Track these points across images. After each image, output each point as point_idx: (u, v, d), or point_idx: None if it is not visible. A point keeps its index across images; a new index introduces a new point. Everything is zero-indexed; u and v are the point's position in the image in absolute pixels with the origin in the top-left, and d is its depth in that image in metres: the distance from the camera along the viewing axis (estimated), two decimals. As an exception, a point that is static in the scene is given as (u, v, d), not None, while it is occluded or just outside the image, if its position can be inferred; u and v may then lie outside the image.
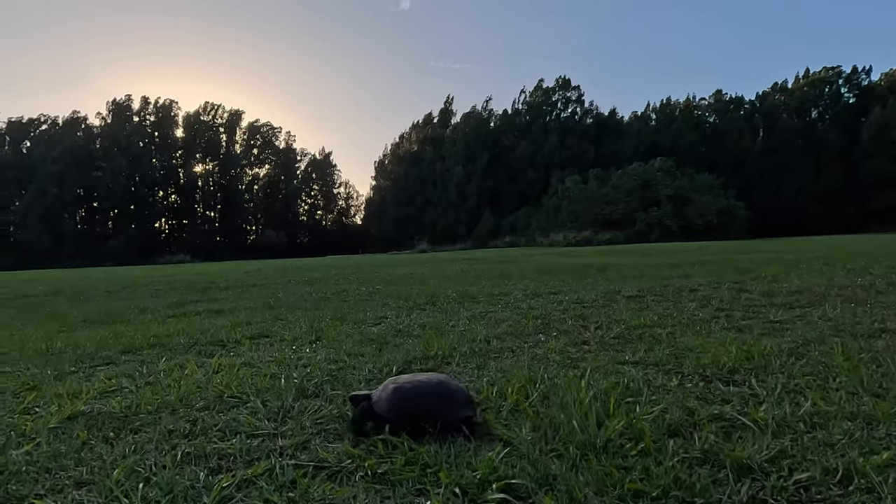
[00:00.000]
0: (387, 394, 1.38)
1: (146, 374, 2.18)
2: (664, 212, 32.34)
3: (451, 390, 1.40)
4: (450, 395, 1.38)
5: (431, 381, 1.43)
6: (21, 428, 1.49)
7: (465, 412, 1.35)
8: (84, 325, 4.49)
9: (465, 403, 1.38)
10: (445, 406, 1.35)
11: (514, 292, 5.43)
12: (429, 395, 1.37)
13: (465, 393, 1.43)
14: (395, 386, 1.41)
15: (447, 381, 1.45)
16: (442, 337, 2.71)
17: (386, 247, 45.00)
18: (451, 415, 1.33)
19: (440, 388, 1.40)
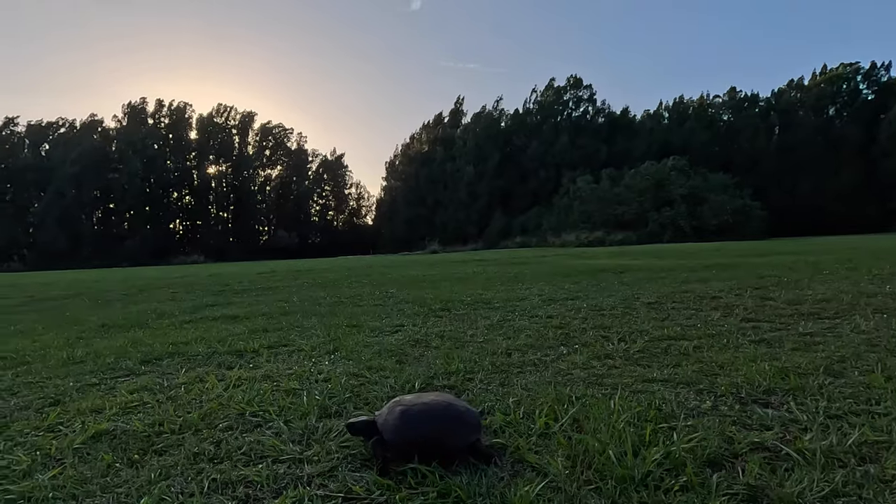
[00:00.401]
0: (393, 417, 1.32)
1: (167, 388, 2.17)
2: (677, 212, 31.94)
3: (459, 413, 1.34)
4: (459, 419, 1.32)
5: (440, 403, 1.36)
6: (46, 448, 1.48)
7: (473, 436, 1.31)
8: (103, 330, 4.53)
9: (474, 428, 1.32)
10: (455, 431, 1.29)
11: (529, 297, 5.37)
12: (438, 420, 1.31)
13: (474, 415, 1.37)
14: (402, 409, 1.34)
15: (455, 404, 1.38)
16: (461, 349, 2.68)
17: (397, 247, 45.11)
18: (461, 440, 1.28)
19: (449, 412, 1.33)
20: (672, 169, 34.82)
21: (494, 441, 1.39)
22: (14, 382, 2.49)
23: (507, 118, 52.53)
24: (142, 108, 52.11)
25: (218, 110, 54.55)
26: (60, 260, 42.01)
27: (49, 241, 45.99)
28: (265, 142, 56.65)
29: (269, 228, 56.58)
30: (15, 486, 1.23)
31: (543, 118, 49.70)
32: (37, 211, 48.14)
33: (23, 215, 48.87)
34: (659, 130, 48.33)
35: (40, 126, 51.09)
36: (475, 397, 1.79)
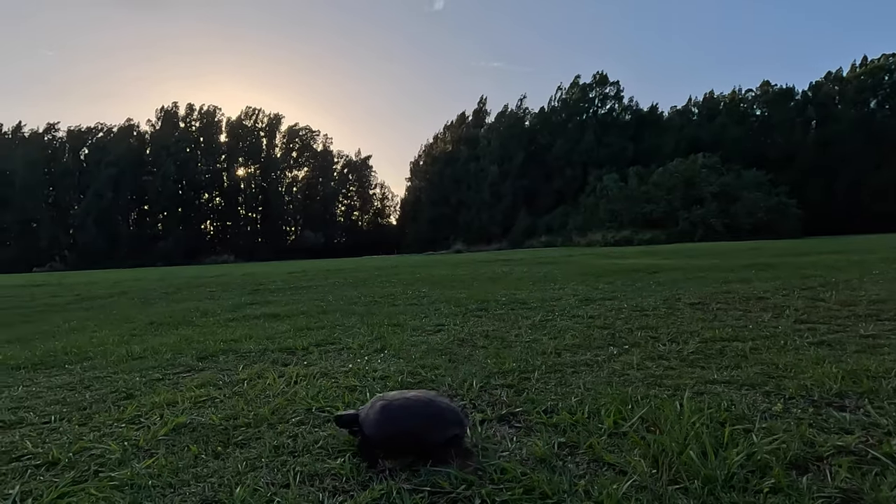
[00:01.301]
0: (374, 412, 1.36)
1: (230, 384, 2.25)
2: (708, 210, 31.12)
3: (439, 409, 1.36)
4: (438, 415, 1.34)
5: (420, 400, 1.39)
6: (133, 439, 1.56)
7: (451, 432, 1.32)
8: (152, 327, 4.71)
9: (452, 423, 1.34)
10: (432, 427, 1.31)
11: (565, 297, 5.34)
12: (416, 416, 1.34)
13: (455, 412, 1.39)
14: (382, 404, 1.38)
15: (436, 400, 1.40)
16: (509, 349, 2.69)
17: (421, 247, 45.33)
18: (438, 436, 1.30)
19: (429, 408, 1.35)
20: (703, 166, 33.95)
21: (565, 440, 1.40)
22: (84, 377, 2.62)
23: (531, 117, 52.17)
24: (174, 112, 53.80)
25: (246, 113, 55.91)
26: (99, 260, 43.75)
27: (89, 241, 47.93)
28: (292, 144, 57.73)
29: (296, 229, 57.62)
30: (116, 473, 1.30)
31: (569, 116, 49.14)
32: (77, 213, 50.23)
33: (64, 217, 51.06)
34: (688, 127, 47.18)
35: (80, 131, 53.28)
36: (535, 396, 1.80)
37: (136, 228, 52.27)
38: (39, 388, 2.41)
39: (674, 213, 32.03)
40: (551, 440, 1.38)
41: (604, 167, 42.36)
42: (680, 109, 50.90)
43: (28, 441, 1.60)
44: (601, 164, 43.28)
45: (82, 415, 1.89)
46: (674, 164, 35.12)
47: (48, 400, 2.15)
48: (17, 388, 2.42)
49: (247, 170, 56.01)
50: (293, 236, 56.72)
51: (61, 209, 51.14)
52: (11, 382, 2.57)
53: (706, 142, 41.61)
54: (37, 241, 49.29)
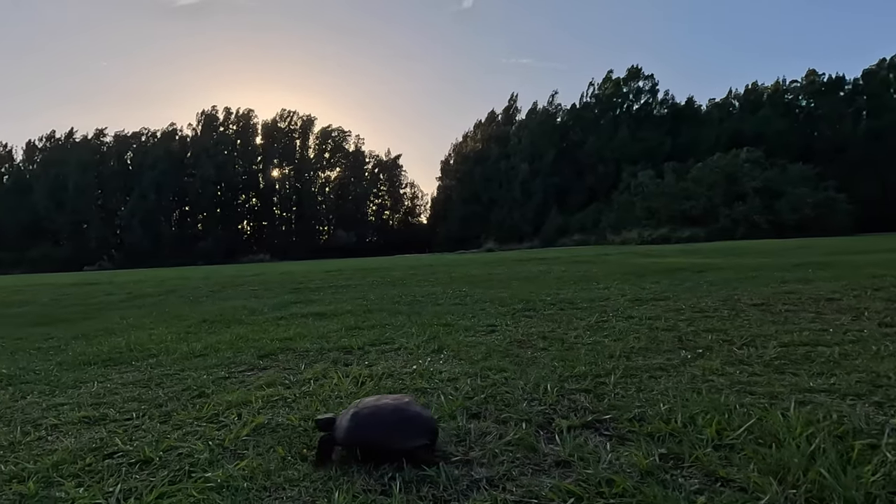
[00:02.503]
0: (346, 419, 1.38)
1: (296, 383, 2.26)
2: (751, 206, 29.85)
3: (407, 417, 1.37)
4: (404, 423, 1.35)
5: (388, 406, 1.40)
6: (218, 439, 1.57)
7: (419, 441, 1.33)
8: (205, 325, 4.82)
9: (421, 432, 1.34)
10: (397, 435, 1.33)
11: (613, 297, 5.19)
12: (382, 424, 1.35)
13: (425, 419, 1.38)
14: (354, 411, 1.40)
15: (405, 408, 1.40)
16: (572, 351, 2.60)
17: (452, 246, 45.30)
18: (403, 444, 1.32)
19: (396, 415, 1.37)
20: (745, 161, 32.60)
21: (666, 451, 1.31)
22: (152, 374, 2.69)
23: (562, 113, 51.38)
24: (213, 115, 55.60)
25: (281, 115, 57.22)
26: (144, 259, 45.68)
27: (134, 241, 50.14)
28: (325, 145, 58.73)
29: (329, 228, 58.59)
30: (210, 474, 1.30)
31: (601, 112, 48.13)
32: (123, 214, 52.60)
33: (111, 218, 53.55)
34: (728, 120, 45.44)
35: (125, 136, 55.77)
36: (617, 402, 1.72)
37: (178, 229, 54.30)
38: (114, 384, 2.48)
39: (714, 209, 30.89)
40: (651, 451, 1.31)
41: (638, 163, 41.26)
42: (719, 102, 49.07)
43: (117, 438, 1.63)
44: (635, 161, 42.18)
45: (161, 412, 1.93)
46: (714, 159, 33.87)
47: (125, 396, 2.21)
48: (93, 384, 2.50)
49: (281, 171, 57.36)
50: (326, 236, 57.70)
51: (109, 211, 53.65)
52: (86, 378, 2.66)
53: (748, 135, 39.93)
54: (87, 241, 51.88)
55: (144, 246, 49.32)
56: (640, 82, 47.26)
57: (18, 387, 2.55)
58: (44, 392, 2.39)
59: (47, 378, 2.72)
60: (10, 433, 1.78)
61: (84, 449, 1.56)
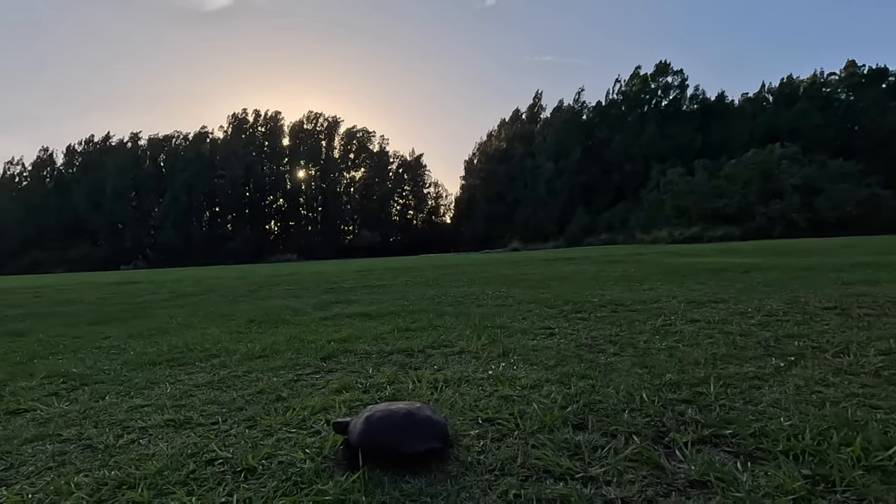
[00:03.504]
0: (360, 422, 1.42)
1: (371, 387, 2.21)
2: (789, 204, 28.82)
3: (417, 421, 1.40)
4: (415, 427, 1.38)
5: (400, 411, 1.43)
6: (315, 447, 1.53)
7: (429, 444, 1.35)
8: (254, 325, 4.85)
9: (431, 435, 1.37)
10: (407, 439, 1.35)
11: (664, 299, 5.02)
12: (393, 427, 1.38)
13: (435, 424, 1.42)
14: (367, 415, 1.44)
15: (417, 412, 1.43)
16: (648, 356, 2.49)
17: (476, 245, 45.17)
18: (413, 447, 1.34)
19: (407, 419, 1.40)
20: (782, 157, 31.50)
21: (810, 472, 1.21)
22: (220, 375, 2.68)
23: (588, 111, 50.71)
24: (243, 118, 56.90)
25: (307, 117, 58.13)
26: (176, 258, 47.02)
27: (167, 241, 51.66)
28: (349, 145, 59.41)
29: (354, 228, 59.23)
30: (322, 486, 1.26)
31: (629, 108, 47.29)
32: (157, 215, 54.28)
33: (146, 219, 55.33)
34: (762, 115, 44.05)
35: (158, 139, 57.54)
36: (726, 415, 1.60)
37: (209, 229, 55.74)
38: (186, 385, 2.48)
39: (749, 207, 29.94)
40: (792, 472, 1.20)
41: (667, 161, 40.38)
42: (752, 97, 47.65)
43: (212, 444, 1.61)
44: (664, 158, 41.29)
45: (244, 416, 1.91)
46: (748, 156, 32.84)
47: (202, 399, 2.20)
48: (165, 385, 2.51)
49: (307, 171, 58.26)
50: (351, 235, 58.36)
51: (143, 212, 55.43)
52: (156, 379, 2.68)
53: (783, 130, 38.62)
54: (123, 241, 53.74)
55: (177, 246, 50.77)
56: (669, 77, 46.27)
57: (93, 387, 2.59)
58: (120, 393, 2.41)
59: (118, 378, 2.75)
60: (102, 435, 1.78)
61: (182, 454, 1.54)
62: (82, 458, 1.60)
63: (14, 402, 2.33)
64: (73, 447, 1.70)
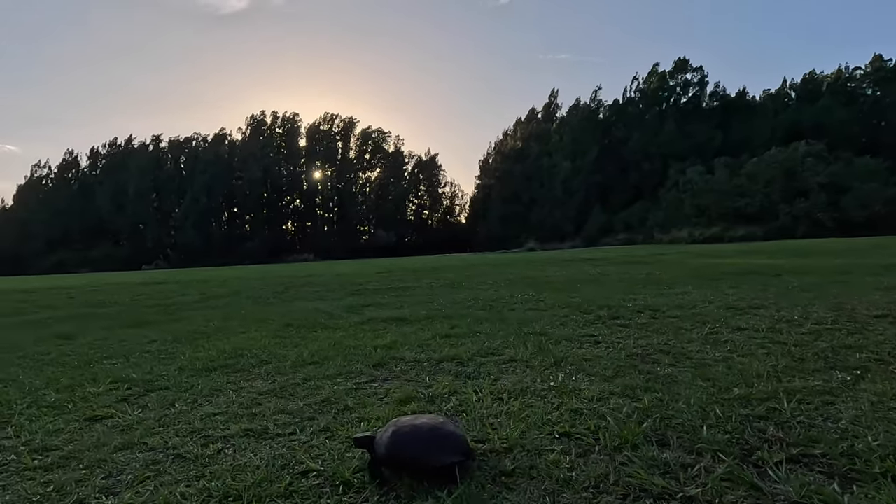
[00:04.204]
0: (386, 437, 1.46)
1: (434, 398, 2.25)
2: (814, 203, 28.19)
3: (442, 435, 1.44)
4: (440, 440, 1.42)
5: (426, 425, 1.48)
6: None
7: (453, 458, 1.40)
8: (293, 329, 4.91)
9: (455, 449, 1.42)
10: (433, 452, 1.40)
11: (699, 304, 4.98)
12: (419, 441, 1.42)
13: (458, 438, 1.46)
14: (393, 430, 1.48)
15: (441, 427, 1.48)
16: (706, 368, 2.49)
17: (492, 245, 45.06)
18: (438, 461, 1.38)
19: (433, 433, 1.44)
20: (806, 155, 30.81)
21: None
22: (279, 382, 2.74)
23: (605, 109, 50.17)
24: (261, 120, 57.64)
25: (324, 118, 58.61)
26: (196, 258, 47.80)
27: (187, 242, 52.56)
28: (365, 146, 59.73)
29: (369, 228, 59.54)
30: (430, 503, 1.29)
31: (647, 106, 46.70)
32: (177, 216, 55.24)
33: (166, 220, 56.35)
34: (784, 112, 43.14)
35: (179, 141, 58.57)
36: (811, 434, 1.60)
37: (227, 229, 56.57)
38: (249, 393, 2.55)
39: (772, 207, 29.37)
40: (895, 495, 1.20)
41: (686, 159, 39.80)
42: (773, 93, 46.68)
43: (299, 455, 1.66)
44: (683, 157, 40.71)
45: (318, 427, 1.95)
46: (771, 154, 32.21)
47: (270, 408, 2.26)
48: (228, 392, 2.58)
49: (324, 172, 58.73)
50: (366, 236, 58.67)
51: (164, 213, 56.48)
52: (217, 386, 2.75)
53: (807, 127, 37.79)
54: (144, 241, 54.83)
55: (196, 246, 51.63)
56: (689, 74, 45.56)
57: (159, 393, 2.67)
58: (187, 400, 2.48)
59: (179, 384, 2.83)
60: (186, 445, 1.85)
61: (273, 466, 1.59)
62: (175, 467, 1.66)
63: (89, 409, 2.42)
64: (162, 456, 1.77)
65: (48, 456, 1.84)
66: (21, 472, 1.72)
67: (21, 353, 4.27)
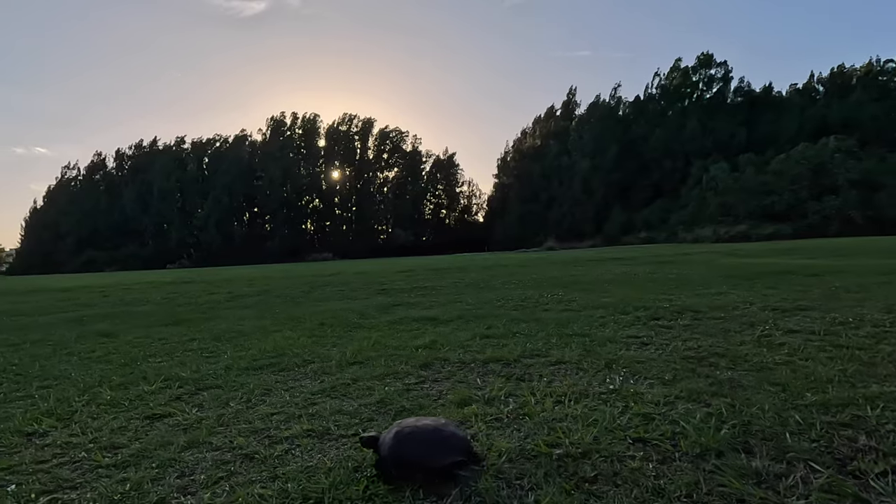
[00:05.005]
0: (389, 437, 1.49)
1: (491, 401, 2.21)
2: (845, 200, 27.32)
3: (443, 437, 1.47)
4: (442, 442, 1.45)
5: (428, 426, 1.50)
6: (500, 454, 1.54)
7: (454, 458, 1.42)
8: (327, 328, 4.92)
9: (456, 450, 1.44)
10: (434, 453, 1.42)
11: (741, 305, 4.86)
12: (421, 442, 1.45)
13: (460, 439, 1.49)
14: (396, 430, 1.50)
15: (443, 428, 1.50)
16: (770, 372, 2.40)
17: (510, 245, 44.87)
18: (439, 461, 1.41)
19: (434, 435, 1.47)
20: (836, 150, 29.89)
21: None
22: (330, 382, 2.73)
23: (625, 106, 49.46)
24: (281, 121, 58.36)
25: (342, 119, 59.08)
26: (217, 258, 48.67)
27: (210, 241, 53.55)
28: (383, 146, 60.04)
29: (387, 227, 59.83)
30: (514, 510, 1.26)
31: (669, 103, 45.90)
32: (200, 216, 56.29)
33: (189, 220, 57.48)
34: (812, 107, 41.94)
35: (201, 143, 59.67)
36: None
37: (248, 229, 57.44)
38: (301, 392, 2.55)
39: (801, 204, 28.57)
40: None
41: (710, 156, 39.00)
42: (801, 88, 45.42)
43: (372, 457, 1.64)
44: (707, 154, 39.91)
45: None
46: (799, 150, 31.32)
47: (326, 408, 2.25)
48: (281, 392, 2.59)
49: (342, 172, 59.23)
50: (384, 235, 58.98)
51: (187, 213, 57.62)
52: (267, 385, 2.76)
53: (836, 122, 36.67)
54: (168, 241, 56.04)
55: (218, 245, 52.57)
56: (712, 70, 44.60)
57: (211, 392, 2.69)
58: (241, 399, 2.49)
59: (229, 383, 2.85)
60: (251, 445, 1.85)
61: (344, 468, 1.58)
62: (246, 467, 1.66)
63: (146, 407, 2.45)
64: (230, 456, 1.77)
65: (117, 454, 1.86)
66: (94, 469, 1.74)
67: (67, 351, 4.38)
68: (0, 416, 2.44)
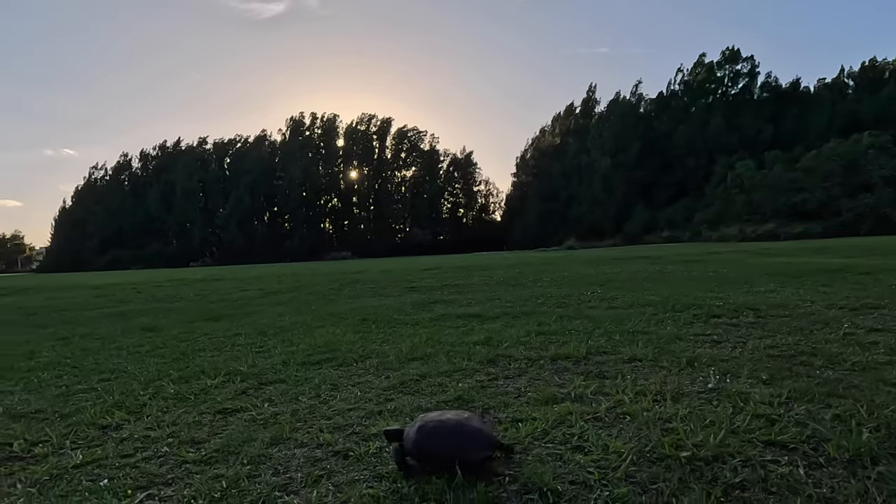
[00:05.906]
0: (413, 431, 1.47)
1: (581, 399, 2.09)
2: (880, 198, 26.40)
3: (471, 431, 1.45)
4: (469, 436, 1.43)
5: (452, 420, 1.48)
6: (603, 467, 1.42)
7: (483, 453, 1.41)
8: (371, 325, 4.84)
9: (484, 444, 1.43)
10: (463, 447, 1.41)
11: (801, 303, 4.64)
12: (448, 436, 1.43)
13: (487, 434, 1.48)
14: (420, 424, 1.49)
15: (467, 422, 1.48)
16: (879, 372, 2.23)
17: (529, 243, 44.51)
18: (469, 455, 1.40)
19: (460, 429, 1.45)
20: (869, 147, 28.91)
21: None
22: (392, 378, 2.64)
23: (646, 103, 48.65)
24: (301, 121, 58.93)
25: (361, 119, 59.38)
26: (239, 257, 49.32)
27: (231, 240, 54.33)
28: (401, 145, 60.16)
29: (405, 226, 59.94)
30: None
31: (692, 99, 45.01)
32: (222, 215, 57.15)
33: (211, 219, 58.39)
34: (842, 102, 40.70)
35: (223, 143, 60.56)
36: None
37: (268, 228, 58.13)
38: (371, 388, 2.46)
39: (833, 202, 27.71)
40: None
41: (735, 154, 38.09)
42: (829, 83, 44.11)
43: (477, 458, 1.54)
44: (732, 151, 39.00)
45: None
46: (830, 146, 30.37)
47: (404, 404, 2.16)
48: (349, 388, 2.50)
49: (360, 172, 59.52)
50: (402, 234, 59.09)
51: (209, 212, 58.55)
52: (331, 380, 2.68)
53: (867, 118, 35.49)
54: (191, 240, 57.02)
55: (239, 244, 53.30)
56: (738, 65, 43.59)
57: (275, 386, 2.62)
58: (310, 394, 2.42)
59: (291, 378, 2.78)
60: (340, 442, 1.76)
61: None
62: (343, 466, 1.57)
63: (214, 401, 2.39)
64: (321, 453, 1.69)
65: (200, 449, 1.79)
66: (181, 465, 1.67)
67: (116, 345, 4.38)
68: (70, 408, 2.40)
